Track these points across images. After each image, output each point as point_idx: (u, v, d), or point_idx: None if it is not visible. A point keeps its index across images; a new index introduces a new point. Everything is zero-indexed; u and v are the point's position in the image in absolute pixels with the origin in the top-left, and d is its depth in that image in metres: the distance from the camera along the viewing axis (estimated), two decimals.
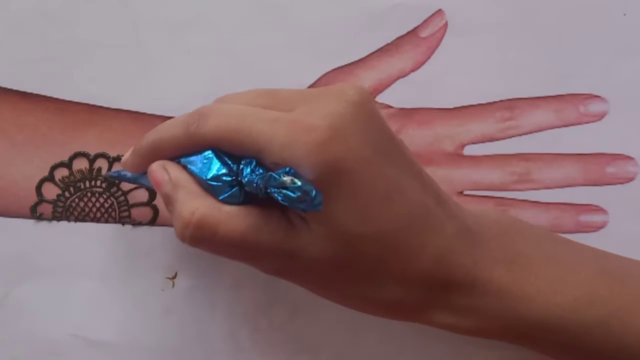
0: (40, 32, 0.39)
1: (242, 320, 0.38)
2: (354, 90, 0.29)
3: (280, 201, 0.27)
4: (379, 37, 0.39)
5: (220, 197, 0.30)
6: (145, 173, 0.33)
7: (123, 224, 0.38)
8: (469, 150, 0.39)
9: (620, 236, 0.38)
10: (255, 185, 0.29)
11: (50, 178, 0.38)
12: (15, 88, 0.39)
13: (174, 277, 0.38)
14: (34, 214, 0.38)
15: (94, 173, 0.38)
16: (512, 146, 0.39)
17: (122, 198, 0.38)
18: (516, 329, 0.31)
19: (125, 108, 0.39)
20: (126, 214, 0.38)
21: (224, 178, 0.30)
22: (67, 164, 0.38)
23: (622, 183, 0.38)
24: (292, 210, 0.30)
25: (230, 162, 0.30)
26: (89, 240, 0.38)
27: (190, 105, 0.38)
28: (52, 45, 0.38)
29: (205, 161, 0.31)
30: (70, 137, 0.39)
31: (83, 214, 0.38)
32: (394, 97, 0.39)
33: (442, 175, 0.38)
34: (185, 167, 0.32)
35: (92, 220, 0.38)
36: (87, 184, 0.38)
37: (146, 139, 0.33)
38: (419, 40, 0.39)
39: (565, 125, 0.38)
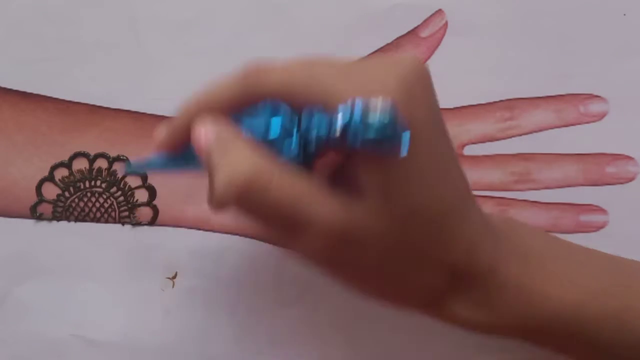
0: (40, 32, 0.39)
1: (242, 320, 0.38)
2: (417, 59, 0.28)
3: (360, 138, 0.24)
4: (379, 37, 0.39)
5: (279, 151, 0.27)
6: (178, 156, 0.31)
7: (123, 224, 0.38)
8: (469, 150, 0.39)
9: (620, 236, 0.38)
10: (334, 128, 0.26)
11: (50, 178, 0.38)
12: (15, 88, 0.39)
13: (174, 277, 0.38)
14: (34, 214, 0.38)
15: (94, 173, 0.38)
16: (512, 146, 0.39)
17: (122, 198, 0.38)
18: (530, 324, 0.31)
19: (125, 108, 0.39)
20: (126, 214, 0.38)
21: (284, 127, 0.27)
22: (67, 164, 0.38)
23: (622, 183, 0.38)
24: (352, 178, 0.27)
25: (290, 119, 0.27)
26: (89, 240, 0.38)
27: None
28: (52, 45, 0.38)
29: (260, 117, 0.28)
30: (70, 137, 0.39)
31: (83, 214, 0.38)
32: None
33: None
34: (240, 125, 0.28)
35: (92, 220, 0.38)
36: (87, 184, 0.38)
37: (190, 100, 0.30)
38: (419, 40, 0.39)
39: (565, 125, 0.38)
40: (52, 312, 0.38)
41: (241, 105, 0.29)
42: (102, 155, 0.38)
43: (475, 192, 0.38)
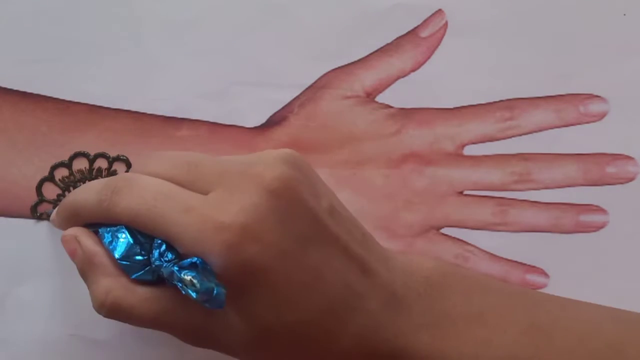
0: (40, 32, 0.39)
1: None
2: (274, 172, 0.28)
3: (181, 289, 0.27)
4: (379, 37, 0.39)
5: (132, 277, 0.30)
6: None
7: None
8: (469, 150, 0.39)
9: (621, 236, 0.38)
10: (161, 272, 0.29)
11: (50, 178, 0.38)
12: (15, 88, 0.39)
13: None
14: (34, 214, 0.38)
15: (94, 173, 0.38)
16: (512, 146, 0.39)
17: None
18: None
19: (125, 108, 0.39)
20: None
21: (136, 258, 0.30)
22: (67, 164, 0.38)
23: (622, 183, 0.38)
24: None
25: (143, 240, 0.30)
26: None
27: (189, 106, 0.39)
28: (52, 45, 0.38)
29: (117, 237, 0.30)
30: (70, 137, 0.39)
31: None
32: (394, 97, 0.39)
33: (442, 175, 0.38)
34: (101, 238, 0.31)
35: None
36: None
37: (66, 200, 0.33)
38: (419, 40, 0.39)
39: (565, 125, 0.38)
40: (52, 312, 0.38)
41: (102, 222, 0.31)
42: (102, 155, 0.38)
43: (475, 192, 0.38)
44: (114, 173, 0.38)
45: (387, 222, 0.38)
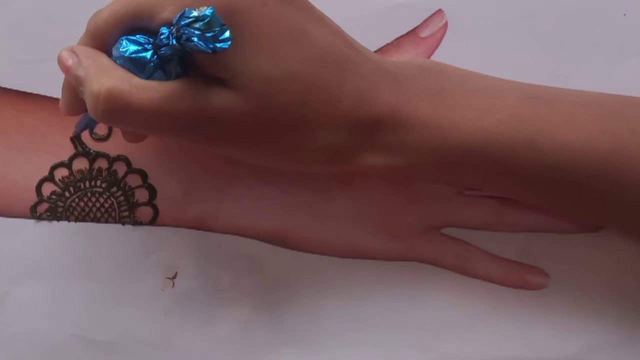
0: (40, 32, 0.39)
1: (242, 320, 0.38)
2: None
3: (194, 44, 0.28)
4: (379, 37, 0.39)
5: (128, 54, 0.30)
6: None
7: (123, 224, 0.38)
8: None
9: (618, 238, 0.38)
10: (169, 35, 0.29)
11: (50, 178, 0.38)
12: (15, 88, 0.39)
13: (174, 277, 0.38)
14: (34, 214, 0.38)
15: (94, 173, 0.38)
16: None
17: (122, 198, 0.38)
18: (447, 159, 0.32)
19: None
20: (126, 214, 0.38)
21: (139, 39, 0.30)
22: (67, 164, 0.38)
23: None
24: (208, 75, 0.30)
25: (146, 37, 0.31)
26: (89, 240, 0.38)
27: None
28: (52, 45, 0.38)
29: (120, 42, 0.31)
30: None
31: (83, 214, 0.38)
32: None
33: None
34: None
35: (92, 220, 0.38)
36: (87, 184, 0.38)
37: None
38: (419, 40, 0.39)
39: None
40: (52, 312, 0.38)
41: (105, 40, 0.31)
42: (102, 155, 0.38)
43: (475, 192, 0.38)
44: (114, 173, 0.38)
45: (387, 222, 0.38)
